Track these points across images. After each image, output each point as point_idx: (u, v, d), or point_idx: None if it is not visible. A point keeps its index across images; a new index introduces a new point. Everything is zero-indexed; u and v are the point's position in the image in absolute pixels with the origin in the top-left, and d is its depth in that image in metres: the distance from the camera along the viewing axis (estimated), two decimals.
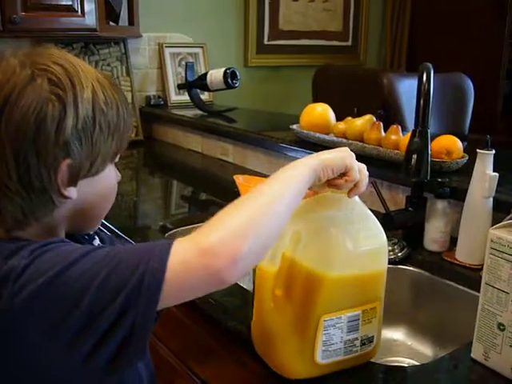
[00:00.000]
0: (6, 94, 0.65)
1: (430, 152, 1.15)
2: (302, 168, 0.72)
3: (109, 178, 0.76)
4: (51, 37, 2.33)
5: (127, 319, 0.61)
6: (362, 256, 0.76)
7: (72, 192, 0.70)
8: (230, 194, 1.39)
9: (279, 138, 1.82)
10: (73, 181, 0.70)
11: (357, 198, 0.78)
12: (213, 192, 1.82)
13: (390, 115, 2.06)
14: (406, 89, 2.32)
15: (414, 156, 1.14)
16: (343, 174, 0.75)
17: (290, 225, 0.74)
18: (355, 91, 2.49)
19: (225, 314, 0.97)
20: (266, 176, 0.74)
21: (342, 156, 0.75)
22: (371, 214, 0.79)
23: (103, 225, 1.20)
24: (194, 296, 0.65)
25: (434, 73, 1.14)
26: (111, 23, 2.44)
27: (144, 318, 0.61)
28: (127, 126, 0.75)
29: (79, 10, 2.13)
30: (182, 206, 1.77)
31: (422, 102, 1.12)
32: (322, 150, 0.72)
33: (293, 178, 0.71)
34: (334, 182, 0.75)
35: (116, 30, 2.49)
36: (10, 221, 0.69)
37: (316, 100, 2.66)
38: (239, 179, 1.15)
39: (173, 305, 0.65)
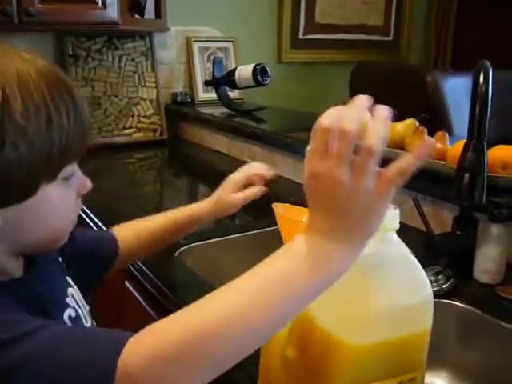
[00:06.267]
0: None
1: (486, 170, 0.98)
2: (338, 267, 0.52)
3: (48, 199, 0.61)
4: (71, 30, 2.25)
5: None
6: (400, 313, 0.59)
7: None
8: (258, 201, 1.23)
9: None
10: None
11: (395, 236, 0.61)
12: None
13: (434, 118, 1.90)
14: (453, 89, 2.19)
15: (467, 175, 0.97)
16: None
17: None
18: (396, 90, 2.36)
19: None
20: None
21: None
22: (413, 256, 0.62)
23: None
24: None
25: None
26: (136, 16, 2.33)
27: None
28: (68, 138, 0.59)
29: (99, 2, 2.02)
30: None
31: (477, 108, 0.94)
32: None
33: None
34: None
35: (141, 23, 2.38)
36: None
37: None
38: (278, 208, 0.98)
39: None
